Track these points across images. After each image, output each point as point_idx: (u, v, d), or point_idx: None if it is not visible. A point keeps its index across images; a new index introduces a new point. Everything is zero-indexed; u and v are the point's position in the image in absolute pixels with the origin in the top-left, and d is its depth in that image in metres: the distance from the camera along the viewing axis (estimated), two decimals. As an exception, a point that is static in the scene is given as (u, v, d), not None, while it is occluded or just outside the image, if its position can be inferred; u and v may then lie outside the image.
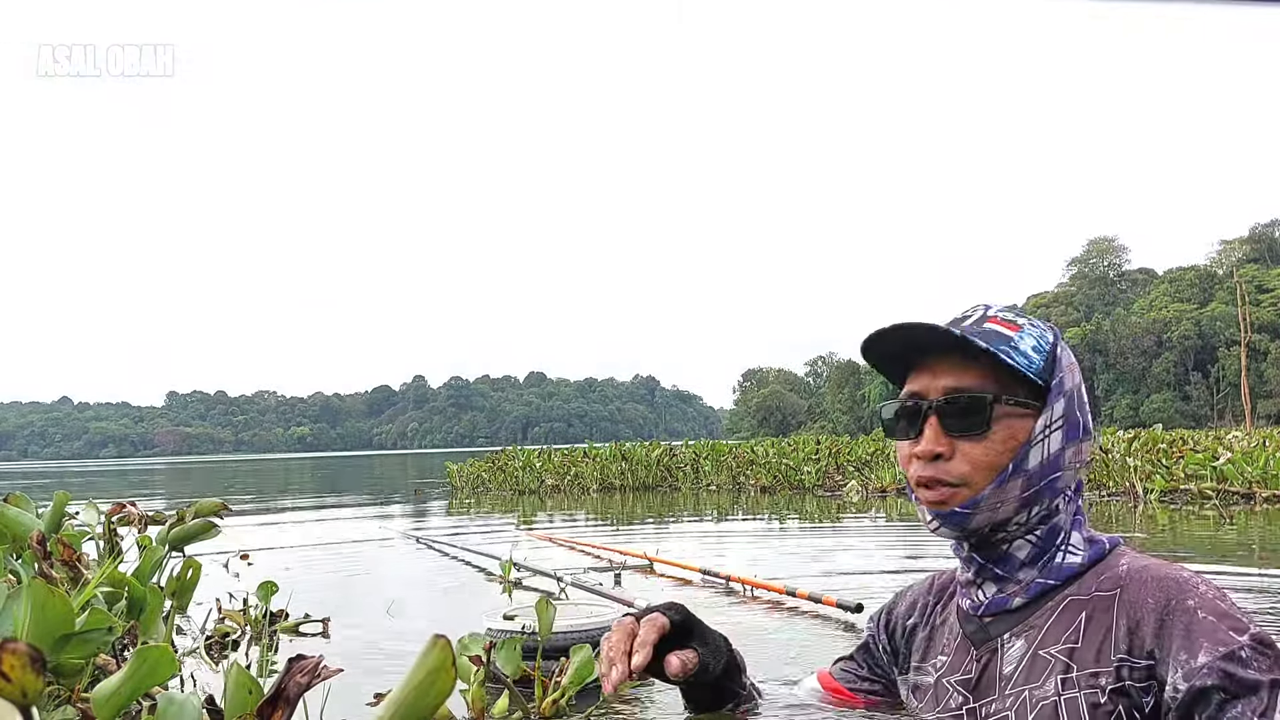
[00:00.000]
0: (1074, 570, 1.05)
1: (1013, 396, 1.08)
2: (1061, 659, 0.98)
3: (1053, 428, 1.07)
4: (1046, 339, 1.12)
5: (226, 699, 1.06)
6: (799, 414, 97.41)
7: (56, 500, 2.63)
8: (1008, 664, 1.04)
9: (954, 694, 1.10)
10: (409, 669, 0.86)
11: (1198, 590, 0.94)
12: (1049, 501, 1.08)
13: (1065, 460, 1.07)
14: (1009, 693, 1.03)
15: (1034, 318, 1.16)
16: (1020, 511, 1.08)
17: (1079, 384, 1.12)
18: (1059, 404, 1.07)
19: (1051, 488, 1.07)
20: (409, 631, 3.25)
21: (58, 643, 1.26)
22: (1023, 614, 1.05)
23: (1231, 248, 74.67)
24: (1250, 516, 5.99)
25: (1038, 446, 1.06)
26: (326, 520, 9.45)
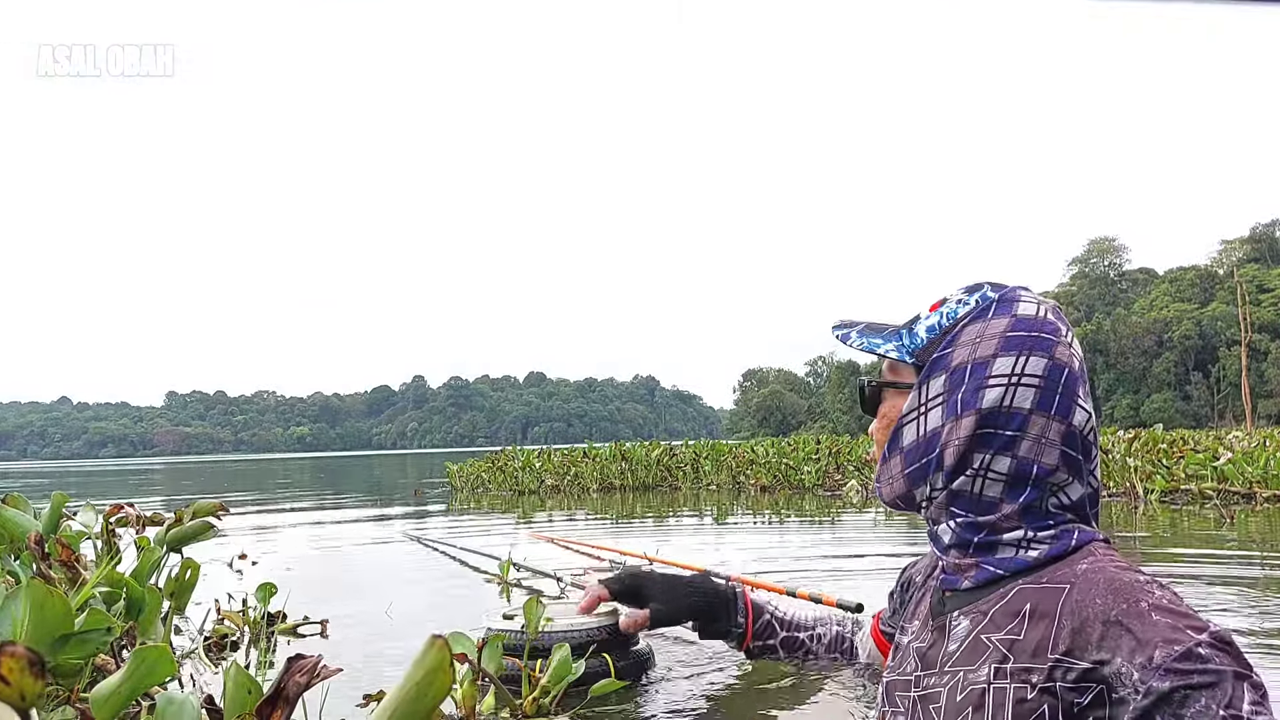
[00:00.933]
0: (1027, 564, 1.03)
1: (885, 380, 1.13)
2: (1000, 648, 0.99)
3: (929, 405, 1.07)
4: (954, 315, 1.09)
5: (226, 698, 1.06)
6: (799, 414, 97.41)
7: (54, 501, 2.63)
8: (953, 642, 1.06)
9: (911, 659, 1.12)
10: (407, 669, 0.86)
11: (1151, 594, 0.92)
12: (941, 479, 1.07)
13: (944, 438, 1.05)
14: (948, 670, 1.04)
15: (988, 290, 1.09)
16: (914, 486, 1.09)
17: (977, 359, 1.05)
18: (938, 380, 1.06)
19: (939, 466, 1.07)
20: (407, 632, 3.24)
21: (56, 643, 1.26)
22: (972, 595, 1.06)
23: (1232, 247, 74.67)
24: (1251, 516, 5.99)
25: (910, 425, 1.08)
26: (326, 520, 9.45)
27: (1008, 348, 1.05)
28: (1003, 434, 1.03)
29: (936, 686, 1.05)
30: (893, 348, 1.11)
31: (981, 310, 1.09)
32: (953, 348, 1.07)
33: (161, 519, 2.85)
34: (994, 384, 1.03)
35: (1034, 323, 1.06)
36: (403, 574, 5.11)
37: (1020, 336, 1.05)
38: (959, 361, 1.06)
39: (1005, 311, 1.07)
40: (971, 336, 1.07)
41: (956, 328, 1.08)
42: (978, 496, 1.06)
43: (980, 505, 1.06)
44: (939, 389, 1.06)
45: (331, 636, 3.03)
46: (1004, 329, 1.06)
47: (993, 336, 1.05)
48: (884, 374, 1.15)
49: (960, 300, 1.11)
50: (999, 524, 1.05)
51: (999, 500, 1.06)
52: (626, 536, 7.80)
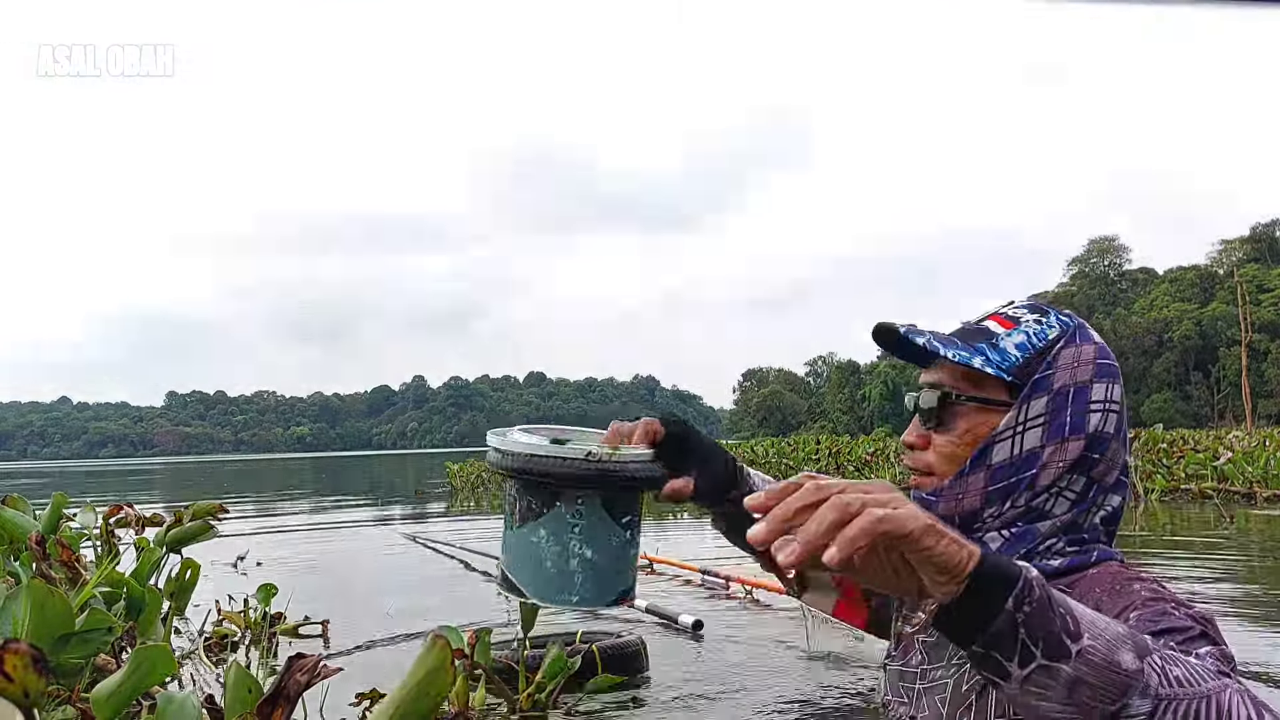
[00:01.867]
0: (1047, 571, 1.04)
1: (981, 393, 1.09)
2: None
3: (1028, 425, 1.07)
4: (1043, 336, 1.09)
5: (226, 698, 1.06)
6: (799, 414, 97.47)
7: (54, 502, 2.64)
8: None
9: (917, 652, 1.13)
10: (408, 668, 0.86)
11: (1147, 581, 0.96)
12: (1026, 497, 1.07)
13: (1044, 458, 1.06)
14: (954, 663, 1.05)
15: (1058, 314, 1.11)
16: (990, 504, 1.09)
17: (1075, 383, 1.08)
18: (1039, 401, 1.07)
19: (1031, 484, 1.07)
20: (407, 631, 3.25)
21: (57, 643, 1.26)
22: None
23: (1232, 247, 74.67)
24: (1251, 515, 5.99)
25: (1004, 443, 1.07)
26: (327, 521, 9.45)
27: (1099, 375, 1.08)
28: (1092, 457, 1.06)
29: (943, 679, 1.06)
30: (985, 361, 1.08)
31: (1070, 335, 1.09)
32: (1053, 370, 1.07)
33: (161, 519, 2.85)
34: (1095, 409, 1.06)
35: (1108, 352, 1.10)
36: (402, 574, 5.11)
37: (1106, 365, 1.09)
38: (1061, 384, 1.07)
39: (1089, 338, 1.09)
40: (1069, 360, 1.08)
41: (1052, 350, 1.08)
42: (1040, 512, 1.07)
43: (1036, 518, 1.07)
44: (1040, 410, 1.07)
45: (332, 636, 3.04)
46: (1094, 356, 1.08)
47: (1088, 362, 1.08)
48: (963, 387, 1.11)
49: (1040, 320, 1.11)
50: (1046, 537, 1.07)
51: (1057, 515, 1.07)
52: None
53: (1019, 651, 0.69)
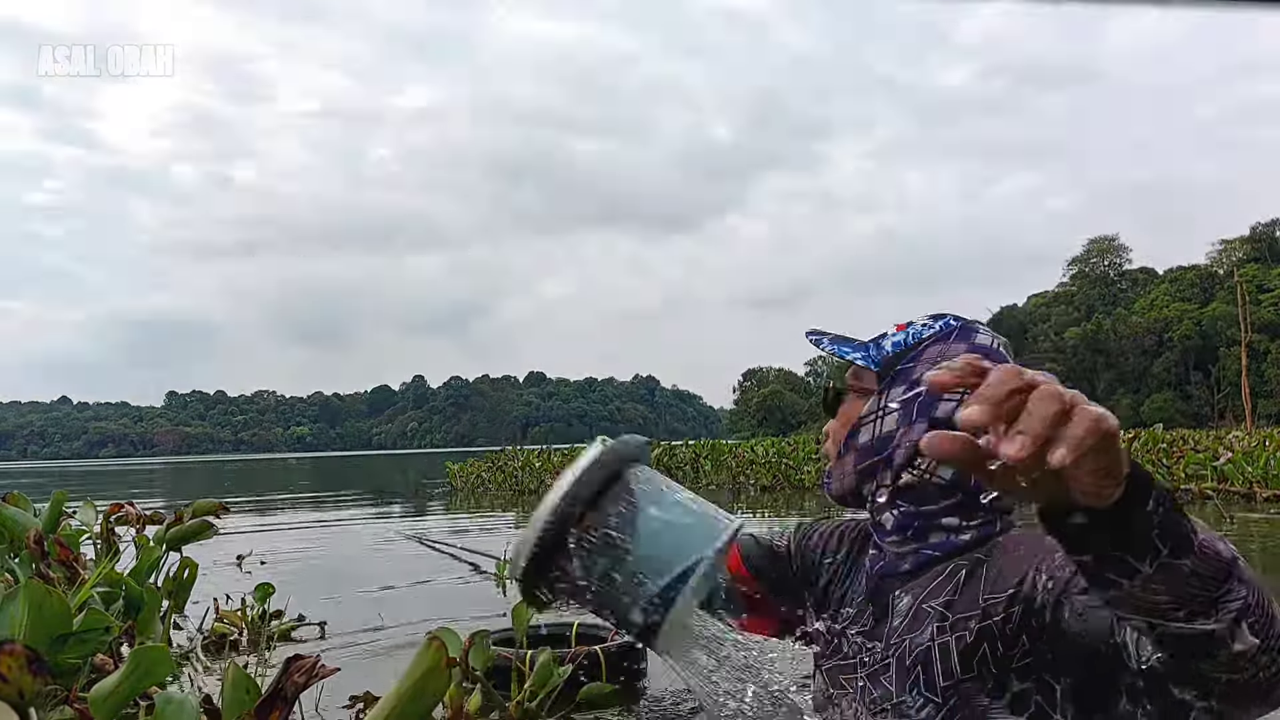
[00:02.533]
0: (960, 545, 1.14)
1: (860, 384, 1.23)
2: (939, 610, 1.09)
3: (886, 411, 1.19)
4: (919, 335, 1.22)
5: (224, 698, 1.06)
6: (799, 414, 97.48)
7: (54, 500, 2.63)
8: (896, 617, 1.15)
9: (850, 643, 1.22)
10: (404, 669, 0.86)
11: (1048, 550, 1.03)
12: (889, 477, 1.17)
13: (897, 439, 1.16)
14: (892, 642, 1.13)
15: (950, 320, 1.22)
16: (864, 483, 1.21)
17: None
18: (896, 390, 1.18)
19: (889, 465, 1.17)
20: (405, 631, 3.25)
21: (55, 642, 1.26)
22: (912, 575, 1.17)
23: (1232, 247, 74.61)
24: (1251, 516, 5.99)
25: (867, 426, 1.20)
26: (327, 520, 9.46)
27: None
28: None
29: (886, 659, 1.14)
30: (859, 356, 1.23)
31: (945, 334, 1.21)
32: (915, 363, 1.19)
33: (161, 518, 2.85)
34: (948, 399, 1.14)
35: (987, 350, 1.19)
36: (401, 573, 5.11)
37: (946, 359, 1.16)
38: (919, 375, 1.17)
39: (965, 338, 1.20)
40: (933, 355, 1.19)
41: (920, 346, 1.21)
42: (921, 492, 1.18)
43: (922, 499, 1.17)
44: (896, 397, 1.18)
45: (329, 635, 3.04)
46: (962, 353, 1.15)
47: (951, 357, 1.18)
48: (848, 380, 1.26)
49: (925, 324, 1.24)
50: (936, 514, 1.16)
51: (938, 498, 1.17)
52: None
53: (1149, 550, 0.69)
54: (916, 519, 1.16)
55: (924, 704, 1.06)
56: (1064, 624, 0.96)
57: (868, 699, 1.14)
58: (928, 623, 1.09)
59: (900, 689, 1.09)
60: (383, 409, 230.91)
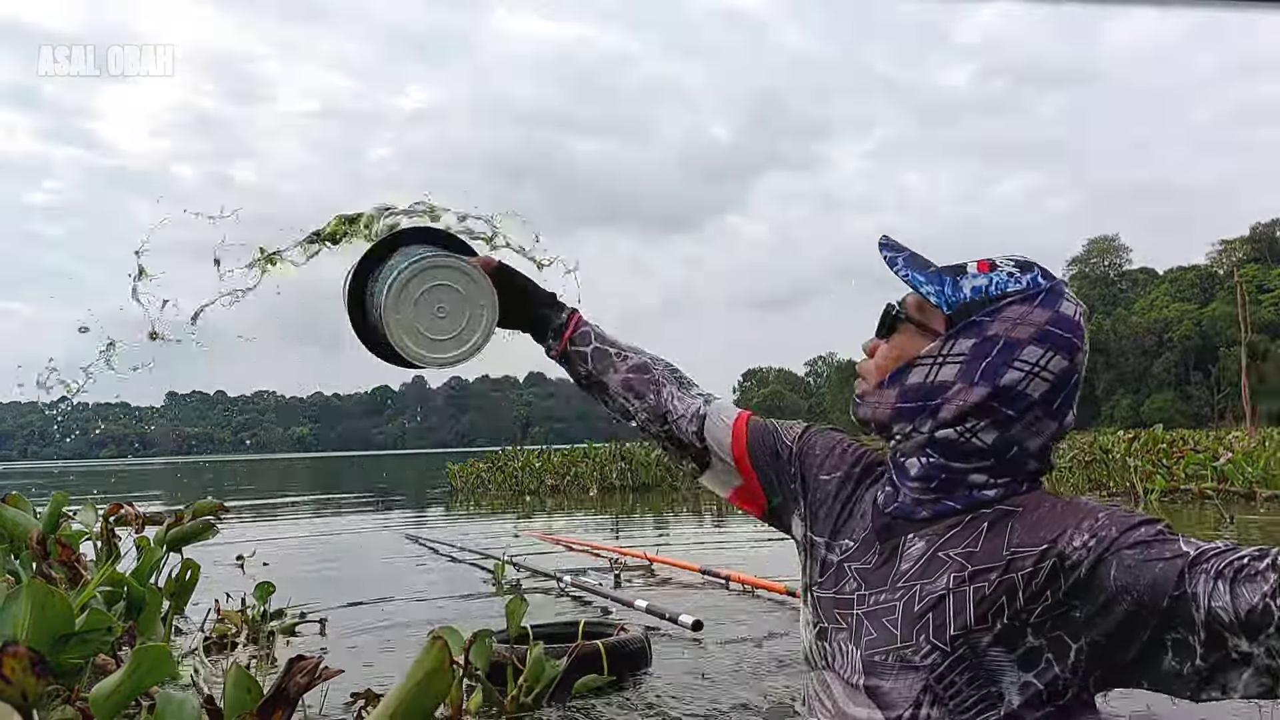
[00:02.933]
0: (984, 500, 1.10)
1: (923, 319, 1.14)
2: (958, 559, 1.04)
3: (948, 359, 1.10)
4: (1004, 287, 1.13)
5: (226, 699, 1.06)
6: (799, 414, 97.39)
7: (54, 501, 2.63)
8: (906, 561, 1.10)
9: (851, 579, 1.16)
10: (407, 669, 0.86)
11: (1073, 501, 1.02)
12: (929, 425, 1.11)
13: (950, 393, 1.10)
14: (900, 586, 1.08)
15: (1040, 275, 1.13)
16: (899, 421, 1.13)
17: (1011, 338, 1.10)
18: (967, 341, 1.10)
19: (934, 413, 1.10)
20: (406, 631, 3.25)
21: (57, 643, 1.26)
22: (927, 522, 1.11)
23: (1232, 247, 74.60)
24: (1251, 516, 6.00)
25: (921, 368, 1.11)
26: (327, 519, 9.45)
27: (1041, 340, 1.10)
28: (1004, 411, 1.09)
29: (889, 601, 1.09)
30: (934, 291, 1.13)
31: (1031, 294, 1.11)
32: (992, 318, 1.10)
33: (161, 519, 2.85)
34: (1018, 367, 1.08)
35: (1070, 324, 1.11)
36: (402, 573, 5.11)
37: (1055, 334, 1.10)
38: (993, 333, 1.10)
39: (1051, 304, 1.11)
40: (1014, 315, 1.10)
41: (1002, 300, 1.11)
42: (957, 448, 1.11)
43: (955, 455, 1.10)
44: (964, 350, 1.10)
45: (330, 635, 3.04)
46: (1044, 321, 1.10)
47: (1032, 324, 1.10)
48: (910, 309, 1.16)
49: (1012, 274, 1.13)
50: (965, 471, 1.10)
51: (972, 457, 1.11)
52: (627, 536, 7.81)
53: None
54: (944, 472, 1.11)
55: (930, 650, 1.03)
56: (1106, 579, 0.95)
57: (864, 639, 1.10)
58: (944, 570, 1.05)
59: (906, 634, 1.05)
60: (383, 409, 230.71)
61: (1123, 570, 0.93)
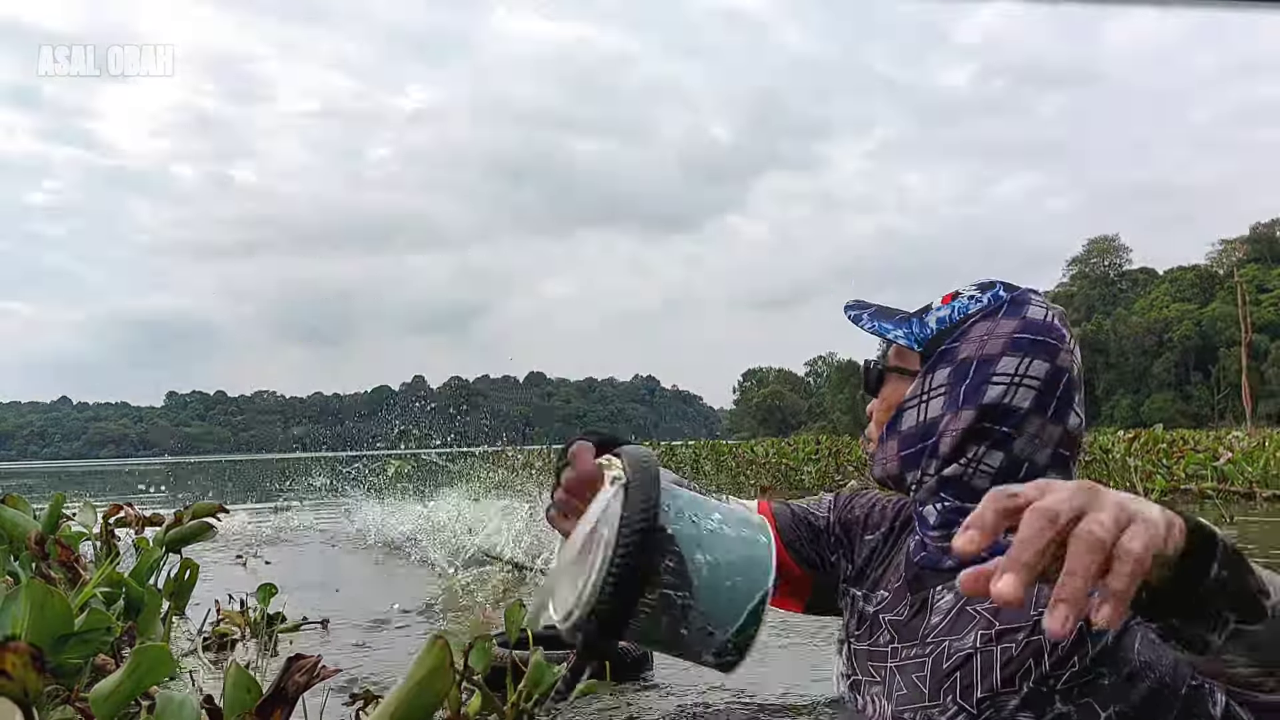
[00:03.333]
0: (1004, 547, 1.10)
1: (892, 364, 1.16)
2: (986, 615, 1.02)
3: (932, 394, 1.11)
4: (966, 310, 1.13)
5: (225, 698, 1.06)
6: (799, 414, 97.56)
7: (54, 501, 2.64)
8: (935, 614, 1.08)
9: (885, 630, 1.15)
10: (407, 669, 0.86)
11: None
12: (935, 465, 1.10)
13: (942, 426, 1.09)
14: (930, 641, 1.07)
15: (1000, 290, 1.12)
16: (907, 470, 1.13)
17: (984, 355, 1.08)
18: (942, 371, 1.10)
19: (934, 452, 1.10)
20: (406, 631, 3.25)
21: (56, 643, 1.26)
22: (953, 572, 1.08)
23: (1232, 247, 74.63)
24: (1251, 516, 6.00)
25: (910, 410, 1.12)
26: (327, 519, 9.45)
27: (1014, 348, 1.09)
28: (998, 430, 1.08)
29: (919, 657, 1.07)
30: (902, 334, 1.14)
31: (993, 309, 1.12)
32: (960, 342, 1.10)
33: (161, 519, 2.85)
34: (997, 382, 1.07)
35: (1040, 326, 1.09)
36: (402, 573, 5.11)
37: (1027, 340, 1.08)
38: (965, 356, 1.10)
39: (1015, 313, 1.10)
40: (980, 333, 1.10)
41: (967, 323, 1.12)
42: (967, 485, 1.09)
43: (968, 493, 1.09)
44: (943, 380, 1.10)
45: (331, 635, 3.03)
46: (1012, 330, 1.09)
47: (1000, 336, 1.09)
48: (890, 359, 1.18)
49: (973, 296, 1.14)
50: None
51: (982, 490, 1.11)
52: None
53: (1217, 621, 0.64)
54: (961, 515, 1.08)
55: (956, 712, 1.01)
56: (1130, 651, 0.92)
57: (895, 693, 1.09)
58: (972, 627, 1.03)
59: (934, 693, 1.04)
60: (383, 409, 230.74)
61: (1146, 645, 0.91)
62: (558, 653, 2.80)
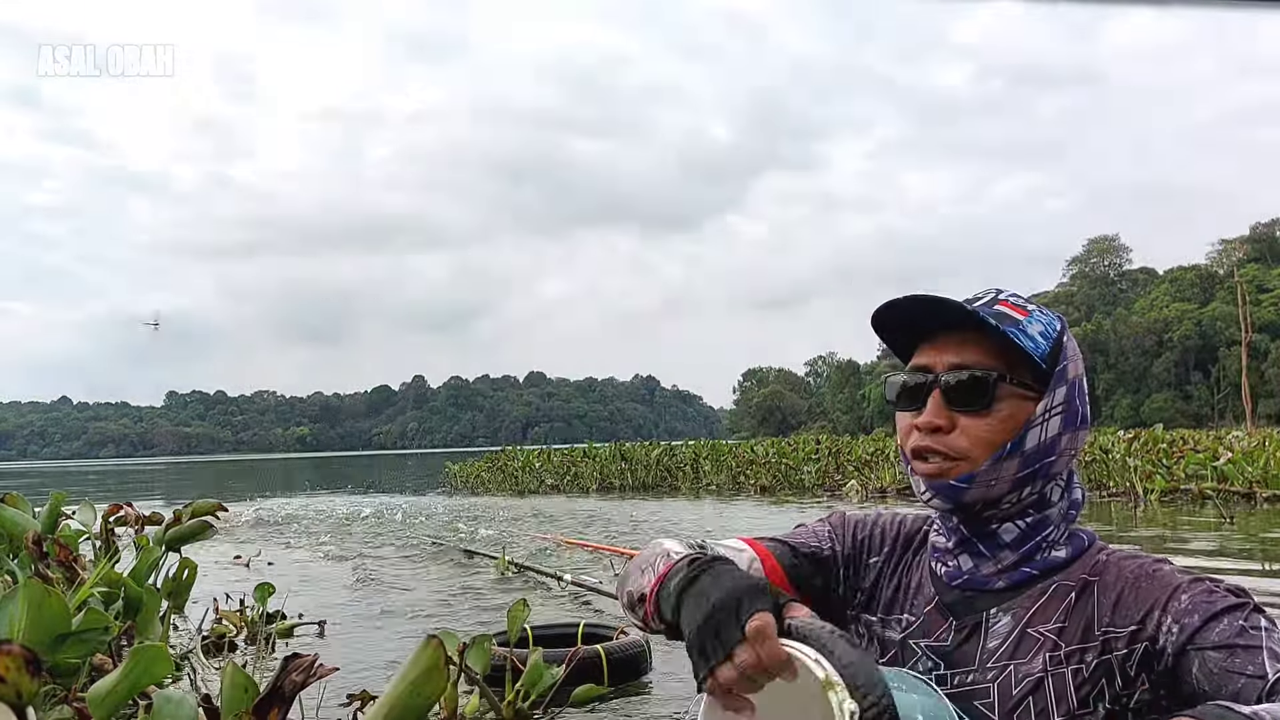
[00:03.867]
0: (1059, 563, 1.07)
1: (1018, 377, 1.09)
2: (1050, 637, 1.01)
3: (1053, 412, 1.08)
4: (1054, 326, 1.12)
5: (223, 697, 1.06)
6: (799, 414, 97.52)
7: (52, 501, 2.64)
8: (993, 639, 1.06)
9: (924, 658, 1.11)
10: (402, 669, 0.86)
11: (1169, 563, 1.01)
12: (1043, 485, 1.09)
13: (1061, 446, 1.08)
14: (990, 666, 1.05)
15: (1043, 306, 1.16)
16: (1014, 491, 1.09)
17: (1081, 374, 1.12)
18: (1061, 390, 1.08)
19: (1046, 472, 1.08)
20: (405, 630, 3.25)
21: (54, 642, 1.26)
22: (1008, 594, 1.07)
23: (1232, 247, 74.59)
24: (1250, 516, 5.99)
25: (1036, 429, 1.07)
26: (327, 519, 9.45)
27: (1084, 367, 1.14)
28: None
29: (980, 683, 1.05)
30: (1031, 346, 1.08)
31: (1065, 326, 1.14)
32: (1068, 360, 1.10)
33: (160, 519, 2.85)
34: (1087, 399, 1.11)
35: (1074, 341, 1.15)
36: (401, 573, 5.11)
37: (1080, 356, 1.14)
38: (1074, 375, 1.10)
39: (1066, 328, 1.13)
40: (1074, 352, 1.11)
41: (1063, 340, 1.11)
42: (1047, 500, 1.10)
43: (1045, 506, 1.10)
44: (1060, 399, 1.09)
45: (329, 635, 3.04)
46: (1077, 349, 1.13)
47: (1080, 356, 1.13)
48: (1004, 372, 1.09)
49: (1042, 310, 1.14)
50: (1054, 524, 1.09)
51: (1054, 502, 1.10)
52: (627, 536, 7.81)
53: None
54: (1039, 533, 1.08)
55: None
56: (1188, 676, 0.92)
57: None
58: (1039, 650, 1.01)
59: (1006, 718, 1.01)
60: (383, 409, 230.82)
61: (1205, 674, 0.91)
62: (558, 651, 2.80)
